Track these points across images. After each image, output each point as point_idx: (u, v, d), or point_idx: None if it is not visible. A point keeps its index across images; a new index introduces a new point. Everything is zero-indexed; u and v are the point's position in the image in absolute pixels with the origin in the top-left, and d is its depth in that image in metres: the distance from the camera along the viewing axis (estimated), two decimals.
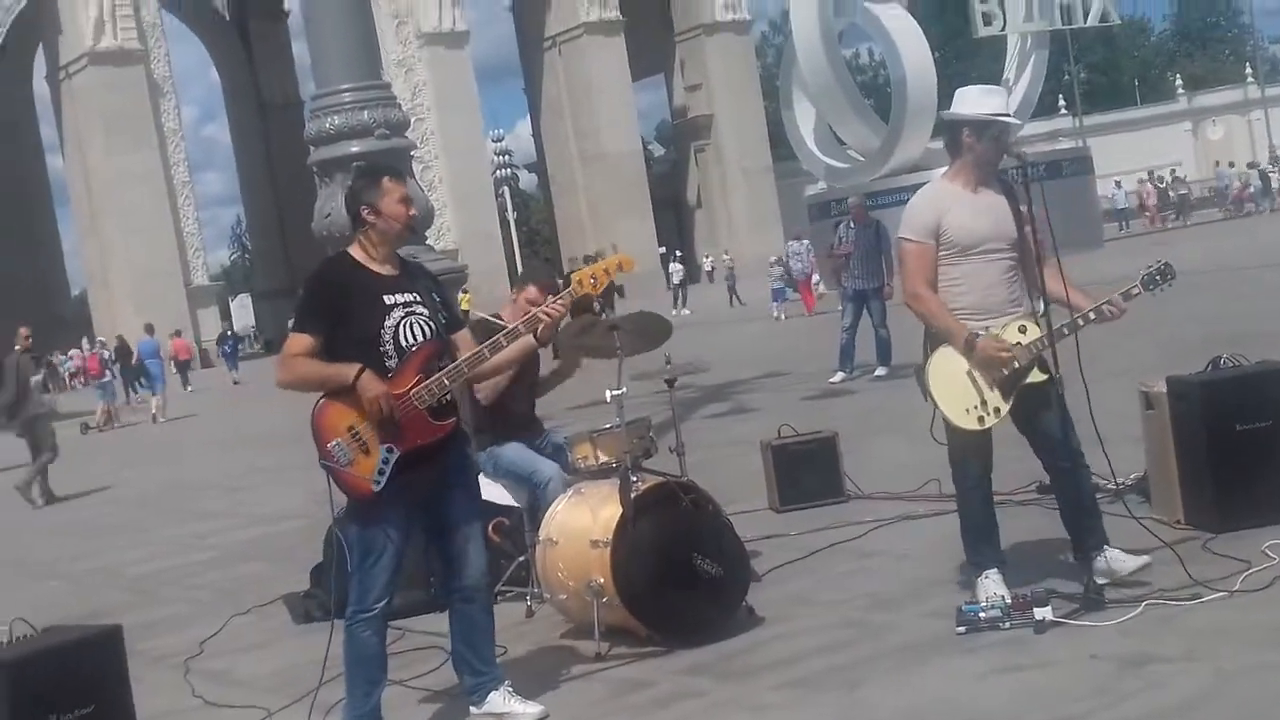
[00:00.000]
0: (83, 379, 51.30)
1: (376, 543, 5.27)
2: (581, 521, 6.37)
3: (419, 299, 5.37)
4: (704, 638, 6.07)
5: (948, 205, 5.98)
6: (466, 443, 5.62)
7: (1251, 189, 58.60)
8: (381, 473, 5.17)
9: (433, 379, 5.21)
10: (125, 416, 32.19)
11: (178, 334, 45.27)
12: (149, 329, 36.88)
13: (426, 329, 5.33)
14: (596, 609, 6.11)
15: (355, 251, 5.43)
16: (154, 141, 59.84)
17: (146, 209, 58.25)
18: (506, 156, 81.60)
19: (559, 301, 5.46)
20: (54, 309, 67.25)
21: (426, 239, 8.76)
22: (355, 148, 8.17)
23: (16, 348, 17.86)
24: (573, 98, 70.09)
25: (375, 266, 5.38)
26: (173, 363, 41.61)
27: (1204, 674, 4.85)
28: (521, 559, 7.26)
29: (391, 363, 5.24)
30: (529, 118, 78.80)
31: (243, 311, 66.51)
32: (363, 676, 5.33)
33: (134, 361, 35.55)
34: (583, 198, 70.25)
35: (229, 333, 53.37)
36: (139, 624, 8.03)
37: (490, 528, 7.55)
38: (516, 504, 7.30)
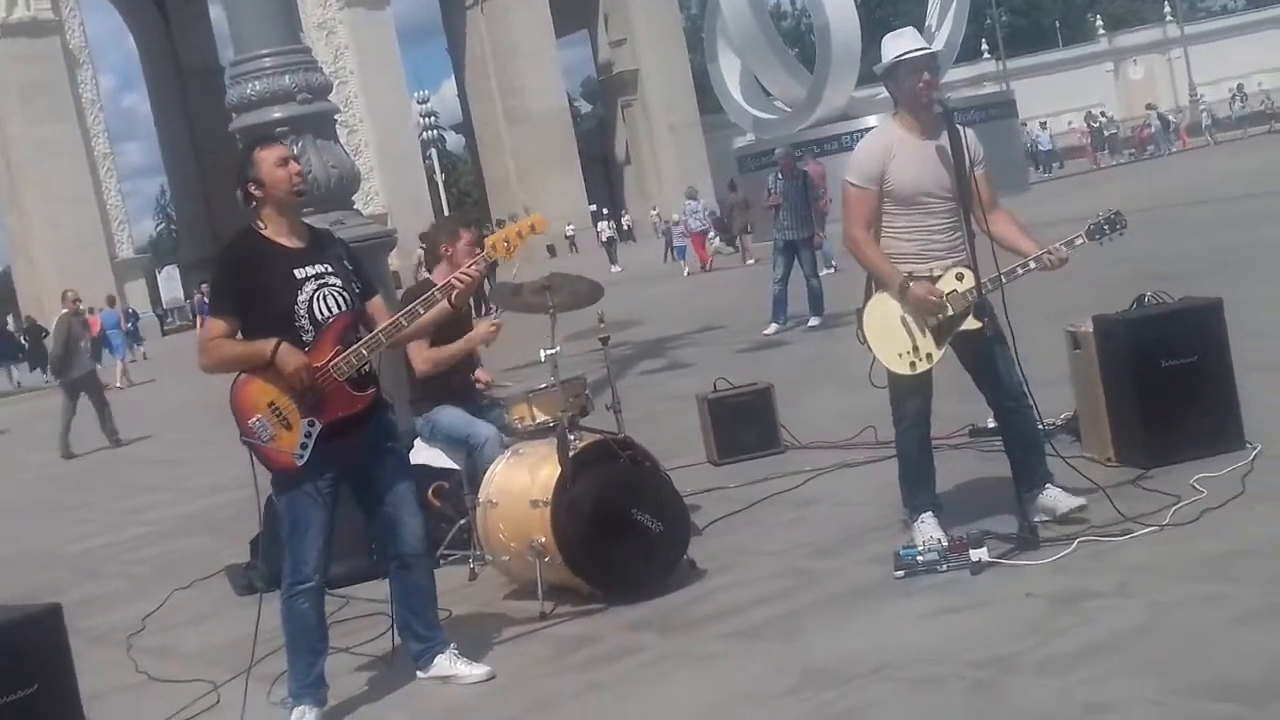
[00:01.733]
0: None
1: (304, 515, 5.26)
2: (520, 482, 6.39)
3: (330, 269, 5.31)
4: (647, 593, 6.12)
5: (894, 152, 6.01)
6: (389, 410, 5.59)
7: (1152, 129, 58.87)
8: (304, 446, 5.16)
9: (351, 350, 5.19)
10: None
11: (90, 310, 45.36)
12: (110, 301, 38.84)
13: (340, 300, 5.29)
14: (539, 568, 6.14)
15: (260, 226, 5.33)
16: (73, 112, 58.91)
17: (68, 181, 57.43)
18: (433, 118, 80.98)
19: (473, 266, 5.41)
20: None
21: (354, 203, 8.70)
22: (278, 113, 8.08)
23: (64, 310, 18.99)
24: (497, 56, 69.64)
25: (282, 240, 5.30)
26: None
27: (1137, 608, 4.94)
28: (462, 522, 7.26)
29: (308, 336, 5.21)
30: (454, 78, 78.25)
31: (170, 284, 65.54)
32: (304, 648, 5.32)
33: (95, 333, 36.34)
34: (510, 157, 69.94)
35: (131, 309, 52.15)
36: (79, 601, 7.98)
37: (430, 492, 7.56)
38: (455, 467, 7.31)
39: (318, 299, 5.24)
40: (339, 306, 5.27)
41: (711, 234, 35.23)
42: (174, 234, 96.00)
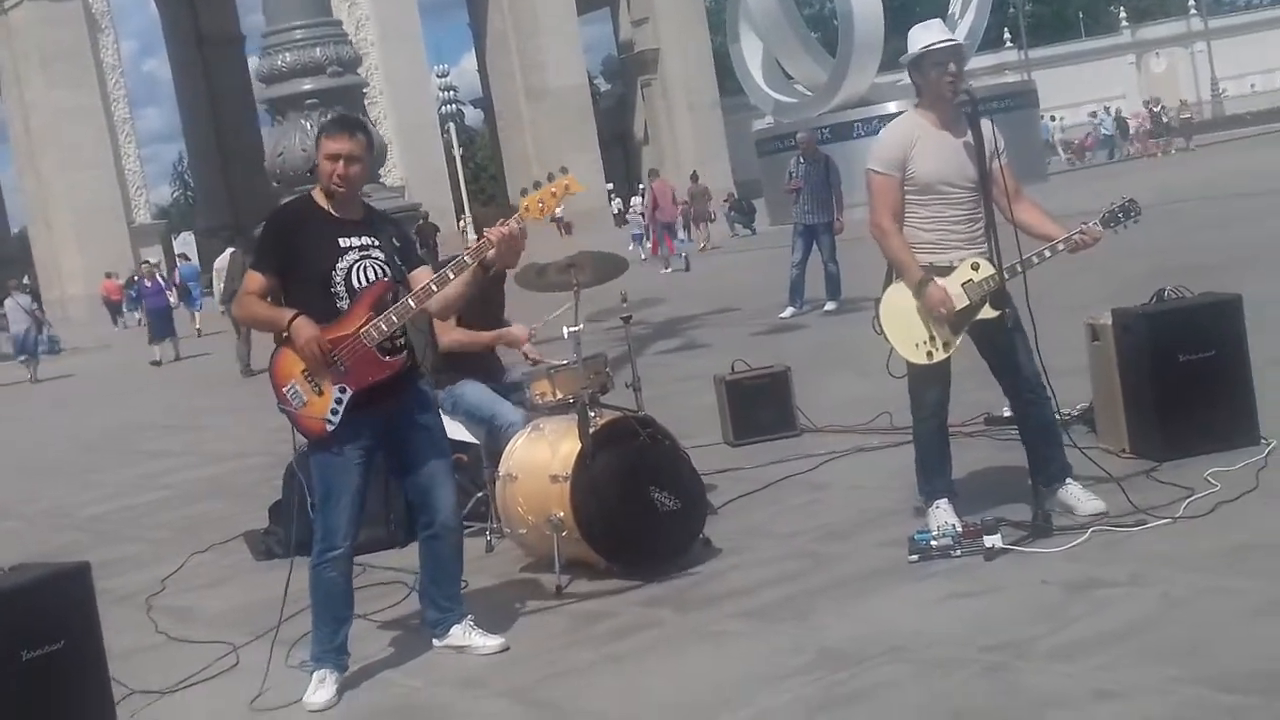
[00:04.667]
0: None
1: (336, 483, 5.32)
2: (541, 457, 6.45)
3: (377, 244, 5.38)
4: (662, 569, 6.18)
5: (915, 139, 6.04)
6: (422, 380, 5.66)
7: (1107, 134, 55.65)
8: (334, 412, 5.23)
9: (381, 316, 5.25)
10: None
11: (109, 275, 46.25)
12: (184, 257, 44.70)
13: (380, 272, 5.35)
14: (556, 543, 6.20)
15: (316, 194, 5.44)
16: (93, 78, 58.82)
17: (87, 146, 57.37)
18: (452, 92, 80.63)
19: (504, 227, 5.33)
20: None
21: (380, 176, 8.75)
22: (308, 85, 8.18)
23: (235, 249, 21.66)
24: (518, 32, 69.42)
25: (335, 210, 5.39)
26: (104, 303, 43.66)
27: (1149, 598, 4.99)
28: (480, 494, 7.33)
29: (343, 303, 5.28)
30: (474, 52, 78.04)
31: (185, 249, 65.47)
32: (329, 615, 5.39)
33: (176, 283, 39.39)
34: (529, 134, 69.73)
35: (135, 276, 51.84)
36: (98, 563, 7.96)
37: None
38: (475, 441, 7.37)
39: (358, 269, 5.31)
40: (379, 278, 5.33)
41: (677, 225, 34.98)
42: (190, 200, 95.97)
